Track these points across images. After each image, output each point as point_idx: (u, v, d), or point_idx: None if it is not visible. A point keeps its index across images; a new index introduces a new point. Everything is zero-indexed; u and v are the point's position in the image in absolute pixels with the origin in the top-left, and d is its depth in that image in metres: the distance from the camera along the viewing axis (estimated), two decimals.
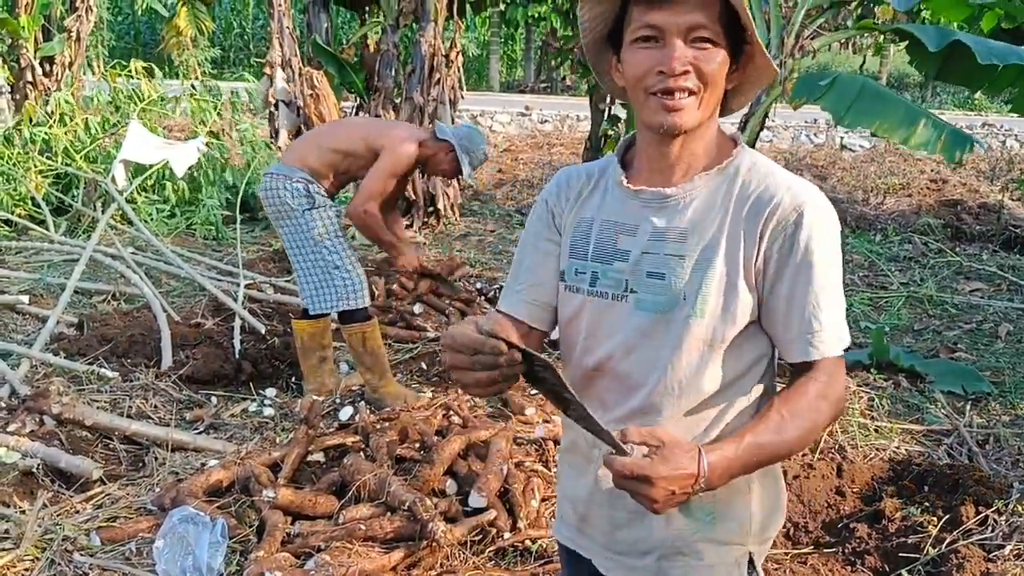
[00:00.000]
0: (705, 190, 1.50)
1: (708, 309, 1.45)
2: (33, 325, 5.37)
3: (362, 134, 4.35)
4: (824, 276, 1.43)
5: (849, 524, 3.49)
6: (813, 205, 1.44)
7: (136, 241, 6.91)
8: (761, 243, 1.44)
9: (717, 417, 1.50)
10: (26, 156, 7.45)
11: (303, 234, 4.22)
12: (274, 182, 4.21)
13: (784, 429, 1.42)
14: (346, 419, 3.98)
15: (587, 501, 1.62)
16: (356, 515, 3.14)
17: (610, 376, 1.55)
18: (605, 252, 1.54)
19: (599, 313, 1.54)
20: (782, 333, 1.46)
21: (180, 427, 4.15)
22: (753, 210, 1.45)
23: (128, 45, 25.64)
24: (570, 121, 16.27)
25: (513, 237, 8.62)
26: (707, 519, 1.51)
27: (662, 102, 1.43)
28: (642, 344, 1.50)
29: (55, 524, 3.26)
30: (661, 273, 1.48)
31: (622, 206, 1.56)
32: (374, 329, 4.44)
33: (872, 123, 5.17)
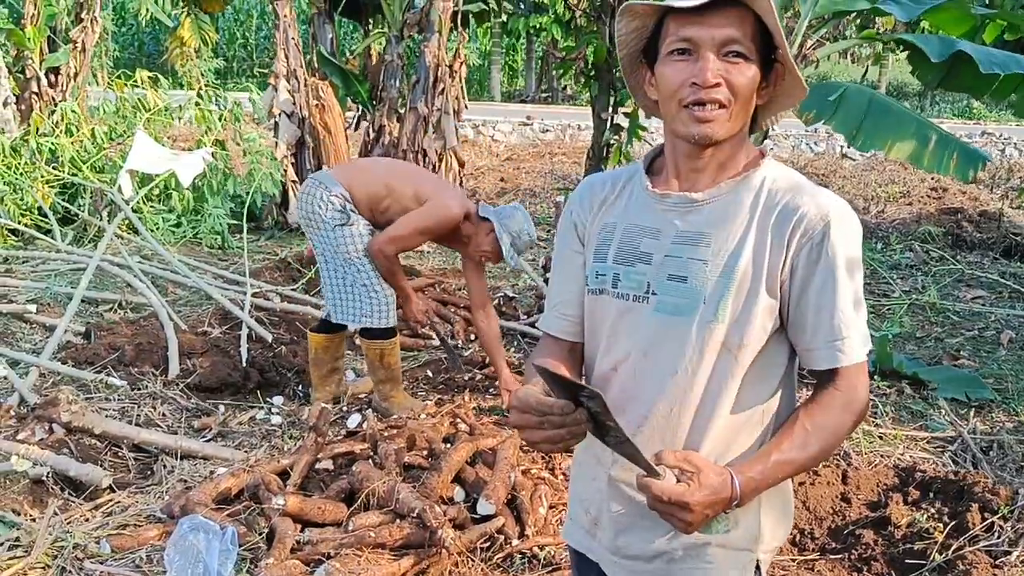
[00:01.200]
0: (730, 197, 1.53)
1: (728, 314, 1.47)
2: (41, 334, 5.40)
3: (415, 180, 4.27)
4: (850, 284, 1.46)
5: (855, 530, 3.50)
6: (839, 215, 1.47)
7: (143, 250, 6.94)
8: (788, 252, 1.46)
9: (733, 423, 1.51)
10: (33, 166, 7.49)
11: (333, 248, 4.18)
12: (313, 188, 4.18)
13: (809, 444, 1.47)
14: (354, 427, 4.00)
15: (599, 504, 1.64)
16: (365, 522, 3.16)
17: (626, 376, 1.57)
18: (628, 254, 1.57)
19: (620, 314, 1.57)
20: (809, 340, 1.49)
21: (188, 435, 4.17)
22: (780, 219, 1.48)
23: (132, 56, 25.72)
24: (571, 130, 16.31)
25: None
26: (720, 526, 1.52)
27: (694, 114, 1.47)
28: (660, 346, 1.52)
29: (65, 532, 3.27)
30: (683, 276, 1.50)
31: (646, 210, 1.59)
32: (394, 347, 4.43)
33: (884, 144, 5.18)
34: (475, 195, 10.93)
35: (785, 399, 1.56)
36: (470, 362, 5.20)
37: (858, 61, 31.10)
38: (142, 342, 5.07)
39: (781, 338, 1.52)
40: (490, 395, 4.71)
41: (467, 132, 15.29)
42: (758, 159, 1.57)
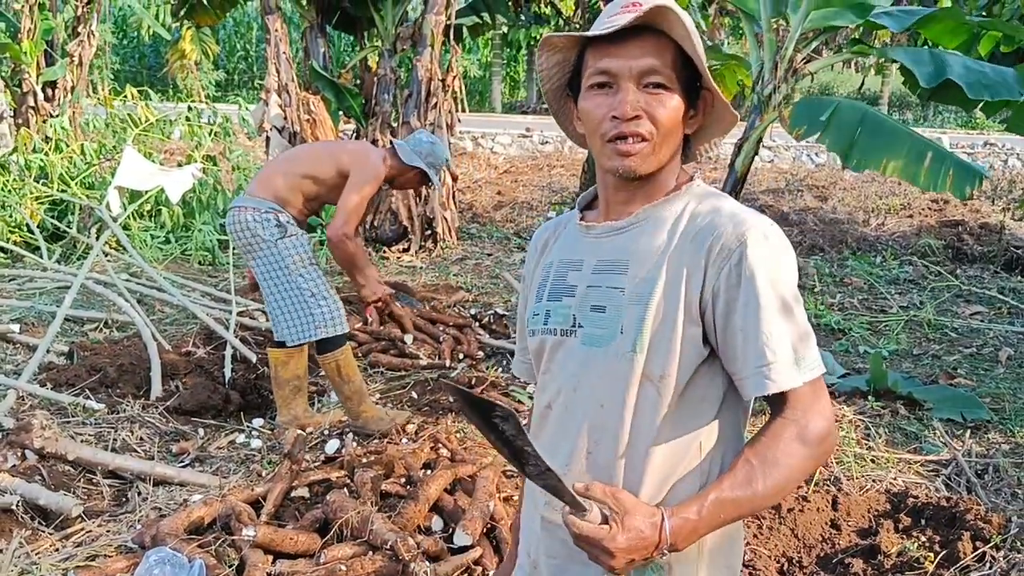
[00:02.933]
0: (650, 222, 1.48)
1: (646, 343, 1.40)
2: (24, 354, 5.33)
3: (328, 157, 4.33)
4: (773, 304, 1.37)
5: (844, 559, 3.41)
6: (757, 233, 1.39)
7: (130, 268, 6.87)
8: (706, 276, 1.40)
9: (666, 458, 1.43)
10: (22, 183, 7.44)
11: (276, 264, 4.17)
12: (242, 215, 4.14)
13: (754, 480, 1.36)
14: (332, 452, 3.91)
15: (536, 547, 1.58)
16: (338, 554, 3.07)
17: (559, 411, 1.52)
18: (556, 290, 1.54)
19: (552, 351, 1.53)
20: (740, 368, 1.40)
21: (166, 460, 4.10)
22: (696, 243, 1.42)
23: (133, 69, 25.79)
24: (570, 143, 16.25)
25: (511, 260, 8.58)
26: (659, 570, 1.44)
27: (616, 148, 1.43)
28: (586, 380, 1.47)
29: (32, 564, 3.19)
30: (603, 306, 1.46)
31: (575, 244, 1.57)
32: (347, 355, 4.38)
33: (879, 163, 5.12)
34: (470, 209, 10.89)
35: (727, 432, 1.47)
36: (457, 382, 5.12)
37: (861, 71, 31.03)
38: (124, 363, 5.00)
39: (715, 367, 1.44)
40: None
41: (466, 144, 15.27)
42: (684, 183, 1.52)
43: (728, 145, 13.69)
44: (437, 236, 8.73)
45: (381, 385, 5.22)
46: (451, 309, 6.43)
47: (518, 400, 4.86)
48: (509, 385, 5.10)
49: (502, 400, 4.79)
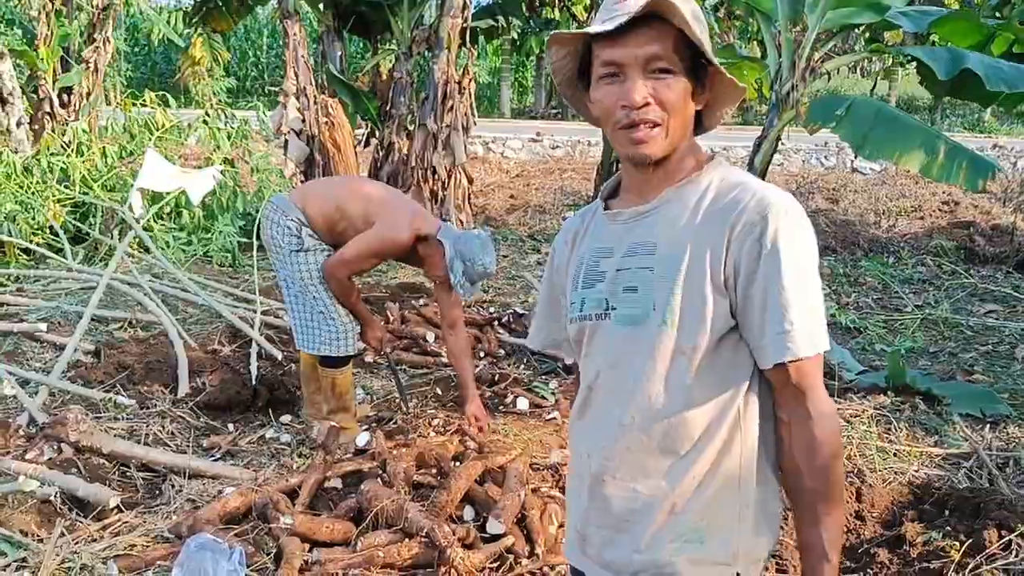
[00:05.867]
0: (675, 202, 1.54)
1: (676, 319, 1.48)
2: (51, 353, 5.40)
3: (366, 199, 4.15)
4: (793, 276, 1.43)
5: (870, 549, 3.46)
6: (778, 207, 1.45)
7: (153, 269, 6.94)
8: (729, 249, 1.46)
9: (705, 425, 1.50)
10: (44, 185, 7.52)
11: (290, 273, 4.14)
12: (271, 213, 4.14)
13: (816, 503, 1.49)
14: (363, 445, 3.97)
15: (584, 520, 1.64)
16: (374, 542, 3.14)
17: (602, 392, 1.60)
18: (589, 278, 1.61)
19: (590, 335, 1.61)
20: (759, 337, 1.46)
21: (197, 454, 4.15)
22: (720, 217, 1.48)
23: (145, 76, 25.94)
24: (581, 147, 16.32)
25: (526, 262, 8.64)
26: (695, 538, 1.51)
27: (629, 135, 1.49)
28: (623, 358, 1.55)
29: (73, 552, 3.25)
30: (634, 286, 1.53)
31: (604, 233, 1.63)
32: (345, 376, 4.33)
33: (892, 154, 5.16)
34: (484, 212, 10.95)
35: (762, 397, 1.53)
36: (478, 379, 5.17)
37: (868, 75, 31.10)
38: (151, 360, 5.07)
39: (742, 340, 1.51)
40: (499, 413, 4.68)
41: (477, 149, 15.33)
42: (705, 161, 1.59)
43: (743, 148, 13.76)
44: None
45: (405, 381, 5.28)
46: (470, 309, 6.48)
47: (541, 395, 4.92)
48: (532, 381, 5.16)
49: (525, 395, 4.85)
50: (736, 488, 1.51)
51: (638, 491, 1.54)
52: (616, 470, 1.55)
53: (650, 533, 1.52)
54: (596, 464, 1.58)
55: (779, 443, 1.52)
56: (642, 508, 1.53)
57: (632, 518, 1.54)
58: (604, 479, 1.57)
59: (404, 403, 4.67)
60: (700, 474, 1.50)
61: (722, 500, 1.50)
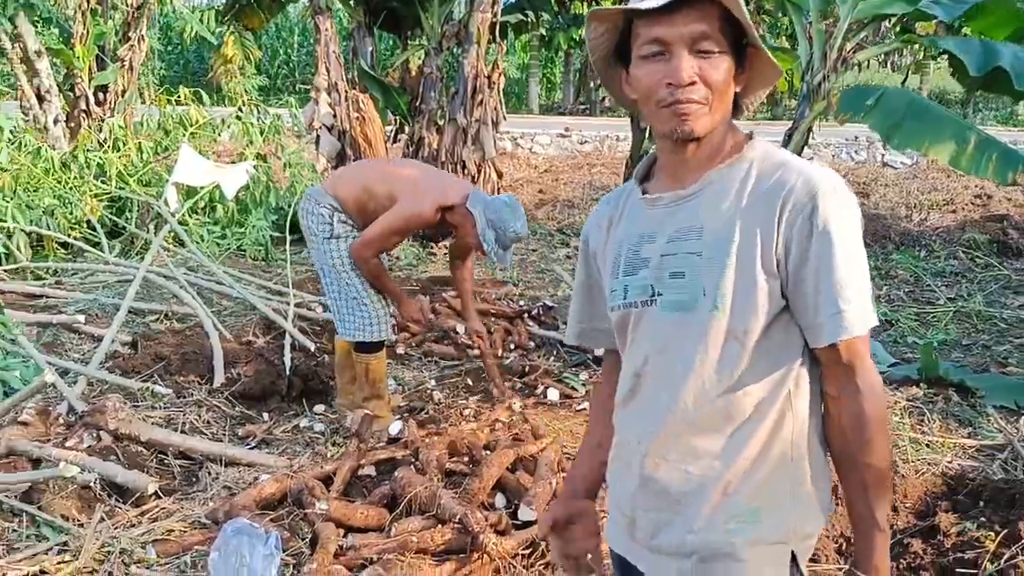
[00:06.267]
0: (718, 185, 1.53)
1: (727, 303, 1.47)
2: (89, 344, 5.50)
3: (392, 179, 4.23)
4: (845, 255, 1.44)
5: (903, 539, 3.44)
6: (827, 186, 1.45)
7: (188, 262, 7.04)
8: (779, 230, 1.46)
9: (756, 408, 1.50)
10: (82, 180, 7.65)
11: (324, 259, 4.24)
12: (306, 203, 4.27)
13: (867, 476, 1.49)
14: (396, 433, 4.01)
15: (632, 504, 1.63)
16: (407, 527, 3.16)
17: (650, 378, 1.59)
18: (632, 265, 1.60)
19: (635, 322, 1.60)
20: (812, 318, 1.47)
21: (232, 442, 4.22)
22: (768, 198, 1.48)
23: (178, 74, 26.19)
24: (610, 141, 16.30)
25: (555, 256, 8.65)
26: (750, 518, 1.51)
27: (673, 110, 1.48)
28: (671, 344, 1.54)
29: (112, 537, 3.32)
30: (681, 272, 1.52)
31: (643, 218, 1.62)
32: (379, 362, 4.41)
33: (921, 144, 5.12)
34: None
35: (813, 377, 1.54)
36: (509, 370, 5.21)
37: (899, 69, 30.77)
38: (187, 351, 5.14)
39: (794, 322, 1.51)
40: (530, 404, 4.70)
41: (505, 145, 15.34)
42: (744, 142, 1.57)
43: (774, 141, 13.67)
44: None
45: (436, 373, 5.33)
46: (499, 302, 6.51)
47: (571, 387, 4.94)
48: (562, 372, 5.18)
49: (556, 386, 4.86)
50: (788, 466, 1.52)
51: (690, 472, 1.53)
52: (667, 453, 1.55)
53: (704, 514, 1.52)
54: (645, 448, 1.58)
55: (827, 418, 1.53)
56: (695, 489, 1.53)
57: (685, 500, 1.54)
58: (655, 463, 1.56)
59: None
60: (753, 454, 1.50)
61: (775, 479, 1.51)
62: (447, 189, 4.24)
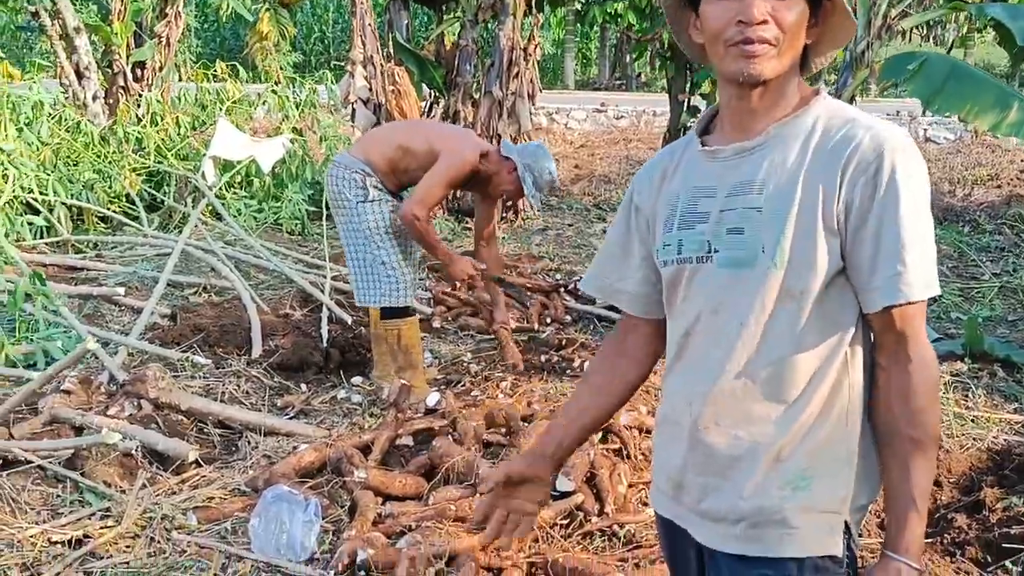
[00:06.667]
0: (781, 139, 1.48)
1: (786, 260, 1.42)
2: (129, 316, 5.55)
3: (426, 135, 4.34)
4: (908, 216, 1.38)
5: (948, 514, 3.39)
6: (894, 144, 1.39)
7: (226, 236, 7.08)
8: (841, 188, 1.40)
9: (812, 369, 1.46)
10: (120, 155, 7.71)
11: (355, 226, 4.26)
12: (335, 171, 4.29)
13: (909, 451, 1.43)
14: (433, 404, 4.01)
15: (681, 468, 1.60)
16: (445, 496, 3.17)
17: (700, 337, 1.54)
18: (688, 219, 1.54)
19: (688, 279, 1.55)
20: (869, 279, 1.41)
21: (271, 413, 4.24)
22: (832, 155, 1.42)
23: (214, 51, 26.28)
24: (646, 116, 16.17)
25: (591, 231, 8.61)
26: (803, 485, 1.47)
27: (742, 50, 1.43)
28: (726, 302, 1.49)
29: (154, 504, 3.36)
30: (740, 228, 1.47)
31: (702, 171, 1.56)
32: (411, 327, 4.43)
33: (962, 108, 5.01)
34: None
35: (864, 344, 1.48)
36: (546, 344, 5.19)
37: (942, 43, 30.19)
38: (226, 323, 5.18)
39: (850, 282, 1.45)
40: (566, 378, 4.68)
41: (541, 120, 15.27)
42: (811, 97, 1.52)
43: None
44: (518, 207, 8.79)
45: (472, 346, 5.32)
46: (536, 276, 6.49)
47: None
48: (599, 346, 5.13)
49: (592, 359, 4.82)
50: (844, 434, 1.47)
51: (742, 438, 1.49)
52: (719, 417, 1.51)
53: (756, 480, 1.48)
54: (697, 411, 1.53)
55: (874, 389, 1.47)
56: (747, 455, 1.49)
57: (736, 465, 1.50)
58: (706, 426, 1.52)
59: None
60: (808, 421, 1.46)
61: (830, 447, 1.46)
62: (480, 139, 4.44)
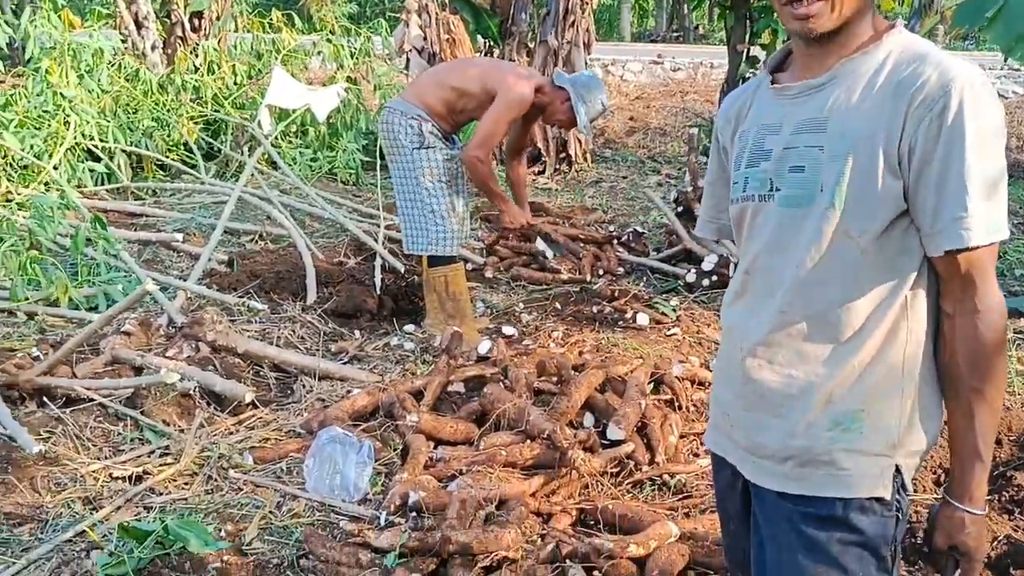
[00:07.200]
0: (850, 77, 1.44)
1: (846, 200, 1.39)
2: (187, 262, 5.65)
3: (480, 74, 4.35)
4: (975, 157, 1.32)
5: (1006, 472, 3.33)
6: (963, 81, 1.33)
7: (281, 184, 7.14)
8: (905, 127, 1.36)
9: (869, 313, 1.43)
10: (178, 103, 7.79)
11: (408, 172, 4.29)
12: (391, 116, 4.30)
13: (974, 400, 1.41)
14: (485, 352, 4.02)
15: (733, 403, 1.60)
16: (496, 442, 3.19)
17: (759, 276, 1.53)
18: (754, 156, 1.53)
19: (752, 217, 1.54)
20: (929, 224, 1.37)
21: (326, 357, 4.29)
22: (898, 92, 1.37)
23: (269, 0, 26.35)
24: (703, 68, 15.86)
25: (646, 183, 8.50)
26: (853, 427, 1.45)
27: (792, 11, 1.41)
28: (784, 241, 1.47)
29: (211, 443, 3.43)
30: (801, 166, 1.44)
31: (771, 108, 1.54)
32: (458, 273, 4.48)
33: None
34: (603, 134, 10.80)
35: (927, 289, 1.44)
36: (598, 295, 5.16)
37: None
38: (281, 270, 5.24)
39: (912, 225, 1.41)
40: (618, 329, 4.66)
41: (596, 71, 15.07)
42: (884, 32, 1.46)
43: None
44: (571, 159, 8.72)
45: (524, 296, 5.32)
46: (588, 228, 6.44)
47: (661, 311, 4.87)
48: (652, 298, 5.10)
49: (645, 311, 4.80)
50: (899, 379, 1.44)
51: (795, 377, 1.48)
52: (773, 355, 1.50)
53: (806, 420, 1.47)
54: (750, 348, 1.53)
55: (940, 337, 1.44)
56: (798, 394, 1.48)
57: (787, 403, 1.49)
58: (759, 364, 1.51)
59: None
60: (861, 363, 1.43)
61: (883, 390, 1.44)
62: (533, 72, 4.49)
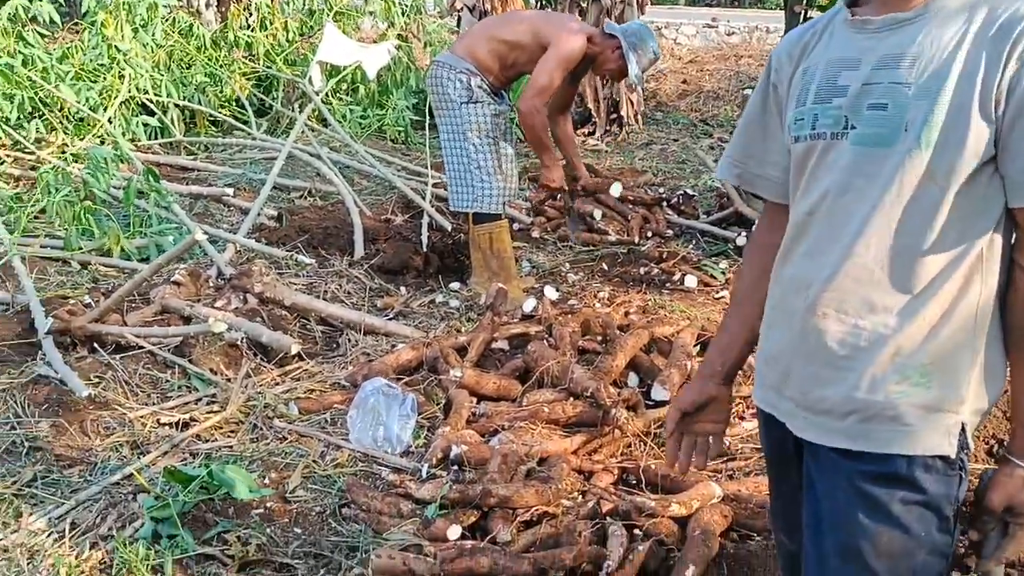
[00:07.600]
0: (943, 11, 1.36)
1: (933, 140, 1.32)
2: (237, 216, 5.69)
3: (530, 26, 4.33)
4: None
5: None
6: None
7: (331, 141, 7.16)
8: (1007, 68, 1.28)
9: (945, 262, 1.36)
10: (231, 59, 7.82)
11: (456, 128, 4.29)
12: (439, 71, 4.29)
13: None
14: (529, 310, 4.01)
15: (789, 356, 1.52)
16: (539, 398, 3.18)
17: (823, 216, 1.45)
18: (825, 92, 1.44)
19: (821, 155, 1.45)
20: (1016, 171, 1.31)
21: (371, 312, 4.31)
22: (1000, 32, 1.30)
23: None
24: (759, 33, 15.50)
25: (697, 146, 8.38)
26: (922, 382, 1.39)
27: None
28: (857, 181, 1.39)
29: (257, 393, 3.47)
30: (883, 103, 1.36)
31: (847, 42, 1.45)
32: (502, 231, 4.48)
33: None
34: (655, 96, 10.65)
35: (1004, 242, 1.38)
36: (646, 256, 5.11)
37: None
38: (329, 226, 5.27)
39: (998, 173, 1.35)
40: (666, 290, 4.62)
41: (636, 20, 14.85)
42: None
43: None
44: (622, 120, 8.62)
45: (570, 257, 5.29)
46: (638, 190, 6.37)
47: (710, 274, 4.81)
48: (700, 260, 5.05)
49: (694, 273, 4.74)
50: (971, 333, 1.38)
51: (862, 327, 1.41)
52: (839, 304, 1.42)
53: (872, 373, 1.40)
54: (814, 296, 1.45)
55: (1010, 290, 1.38)
56: (865, 346, 1.41)
57: (853, 355, 1.42)
58: (824, 313, 1.43)
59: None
60: (934, 315, 1.37)
61: (954, 345, 1.38)
62: (583, 22, 4.52)
